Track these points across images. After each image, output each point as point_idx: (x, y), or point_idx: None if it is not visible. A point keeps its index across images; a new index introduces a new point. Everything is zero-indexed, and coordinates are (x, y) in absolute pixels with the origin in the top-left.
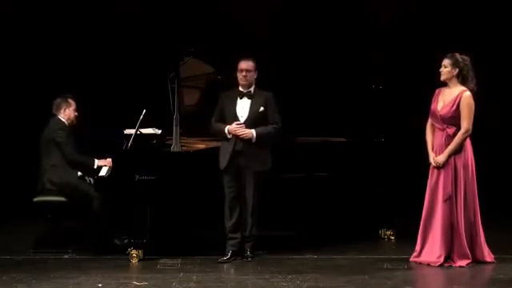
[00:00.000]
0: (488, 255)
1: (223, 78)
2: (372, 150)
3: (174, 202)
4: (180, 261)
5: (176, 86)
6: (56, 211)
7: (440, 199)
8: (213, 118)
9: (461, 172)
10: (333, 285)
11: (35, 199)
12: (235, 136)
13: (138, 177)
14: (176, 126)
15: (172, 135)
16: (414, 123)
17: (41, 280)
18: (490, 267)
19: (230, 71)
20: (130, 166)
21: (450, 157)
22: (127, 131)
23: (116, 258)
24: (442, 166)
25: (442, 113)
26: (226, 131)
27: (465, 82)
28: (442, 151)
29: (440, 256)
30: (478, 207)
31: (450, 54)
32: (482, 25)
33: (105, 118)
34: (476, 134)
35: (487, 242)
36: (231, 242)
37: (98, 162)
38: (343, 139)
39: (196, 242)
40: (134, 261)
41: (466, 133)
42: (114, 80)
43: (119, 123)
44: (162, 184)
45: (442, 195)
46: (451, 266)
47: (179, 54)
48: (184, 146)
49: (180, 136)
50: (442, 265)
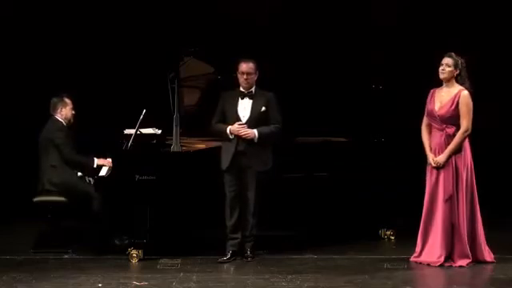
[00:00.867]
0: (488, 255)
1: (223, 77)
2: (372, 150)
3: (173, 202)
4: (180, 261)
5: (176, 85)
6: (56, 211)
7: (440, 199)
8: (213, 118)
9: (461, 171)
10: (333, 285)
11: (35, 199)
12: (237, 136)
13: (138, 177)
14: (176, 125)
15: (172, 135)
16: (413, 123)
17: (41, 280)
18: (489, 267)
19: (230, 71)
20: (129, 166)
21: (450, 156)
22: (127, 131)
23: (116, 258)
24: (442, 166)
25: (440, 113)
26: (228, 131)
27: (463, 83)
28: (442, 151)
29: (440, 256)
30: (478, 207)
31: (451, 54)
32: (482, 25)
33: (105, 118)
34: (476, 134)
35: (487, 242)
36: (231, 242)
37: (97, 160)
38: (343, 139)
39: (196, 241)
40: (134, 261)
41: (465, 132)
42: (113, 80)
43: (119, 123)
44: (162, 184)
45: (442, 195)
46: (451, 265)
47: (179, 54)
48: (184, 146)
49: (180, 136)
50: (442, 265)
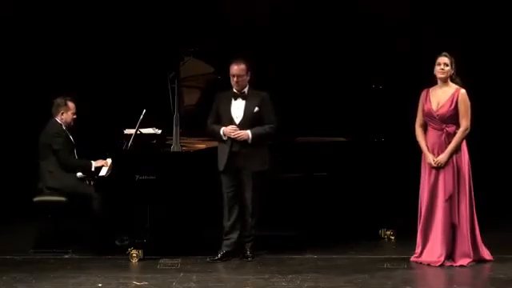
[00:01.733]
0: (487, 254)
1: (223, 77)
2: (372, 150)
3: (173, 202)
4: (180, 261)
5: (176, 85)
6: (56, 211)
7: (441, 199)
8: (209, 119)
9: (463, 170)
10: (333, 285)
11: (35, 199)
12: (231, 137)
13: (138, 177)
14: (176, 125)
15: (172, 135)
16: (413, 123)
17: (41, 280)
18: (490, 267)
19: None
20: (129, 166)
21: (451, 156)
22: (127, 131)
23: (116, 258)
24: (442, 166)
25: (440, 112)
26: (222, 133)
27: (457, 82)
28: (442, 150)
29: (441, 255)
30: (474, 206)
31: (445, 53)
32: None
33: (105, 118)
34: (476, 134)
35: (487, 241)
36: (226, 243)
37: (94, 163)
38: (343, 139)
39: (196, 242)
40: (134, 261)
41: (466, 130)
42: (114, 80)
43: (119, 123)
44: (162, 184)
45: (442, 194)
46: (452, 265)
47: (179, 54)
48: (184, 146)
49: (180, 136)
50: (442, 264)
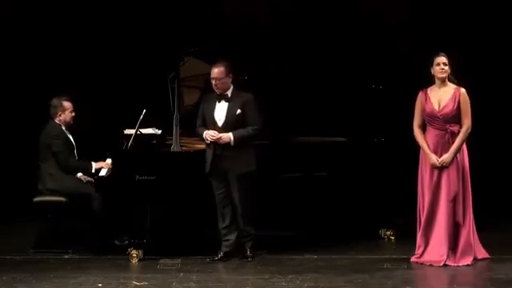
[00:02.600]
0: (484, 252)
1: None
2: (372, 150)
3: (173, 202)
4: (180, 261)
5: (176, 85)
6: (56, 211)
7: (444, 198)
8: (197, 121)
9: (465, 169)
10: (333, 285)
11: (35, 199)
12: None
13: (137, 177)
14: (176, 125)
15: (172, 135)
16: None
17: (41, 280)
18: (489, 266)
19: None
20: (129, 166)
21: (455, 155)
22: (127, 131)
23: (116, 258)
24: (447, 166)
25: (443, 112)
26: (204, 136)
27: (454, 81)
28: (446, 150)
29: (443, 255)
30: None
31: (443, 53)
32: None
33: (105, 118)
34: (476, 134)
35: (487, 241)
36: (225, 244)
37: (95, 165)
38: (343, 139)
39: (196, 241)
40: (134, 261)
41: (468, 129)
42: (114, 80)
43: (119, 123)
44: (162, 184)
45: (446, 194)
46: (454, 265)
47: (179, 54)
48: (184, 146)
49: (180, 136)
50: (445, 264)
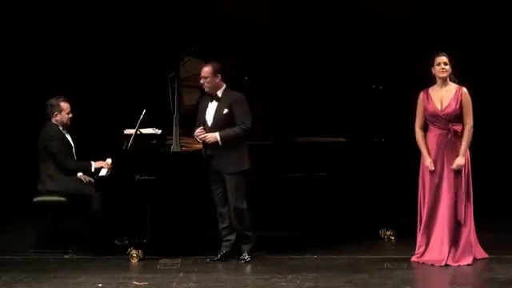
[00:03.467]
0: (483, 253)
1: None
2: (372, 150)
3: (173, 202)
4: (180, 261)
5: (176, 86)
6: (56, 211)
7: (446, 198)
8: (196, 120)
9: (469, 168)
10: (333, 285)
11: (35, 199)
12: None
13: (137, 177)
14: (176, 126)
15: (172, 135)
16: (413, 123)
17: (41, 280)
18: (489, 266)
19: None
20: (129, 166)
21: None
22: (127, 131)
23: (116, 258)
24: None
25: (446, 112)
26: (195, 136)
27: (454, 80)
28: (449, 149)
29: (444, 254)
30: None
31: (443, 52)
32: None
33: (105, 118)
34: (476, 134)
35: (487, 241)
36: (225, 244)
37: (94, 164)
38: (343, 139)
39: (196, 241)
40: (134, 261)
41: (472, 128)
42: (113, 80)
43: (119, 123)
44: (162, 184)
45: (449, 194)
46: (455, 264)
47: (179, 54)
48: (184, 146)
49: (180, 136)
50: (446, 264)
